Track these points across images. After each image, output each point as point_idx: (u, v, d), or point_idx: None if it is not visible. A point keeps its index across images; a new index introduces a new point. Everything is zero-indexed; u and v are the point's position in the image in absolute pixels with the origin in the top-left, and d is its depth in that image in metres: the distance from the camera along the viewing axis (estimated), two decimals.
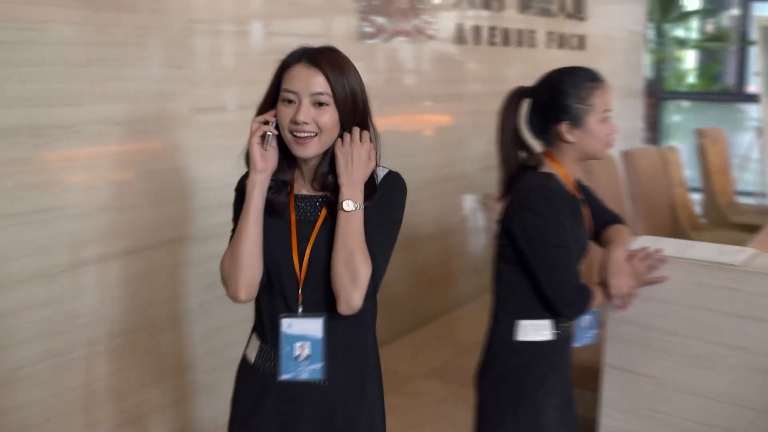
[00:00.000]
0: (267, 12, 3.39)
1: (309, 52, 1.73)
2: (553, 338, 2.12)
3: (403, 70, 4.42)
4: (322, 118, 1.69)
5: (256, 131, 1.72)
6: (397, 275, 4.37)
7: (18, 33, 2.45)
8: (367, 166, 1.75)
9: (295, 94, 1.69)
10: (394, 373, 3.91)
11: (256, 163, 1.71)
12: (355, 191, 1.71)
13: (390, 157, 4.04)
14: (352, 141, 1.74)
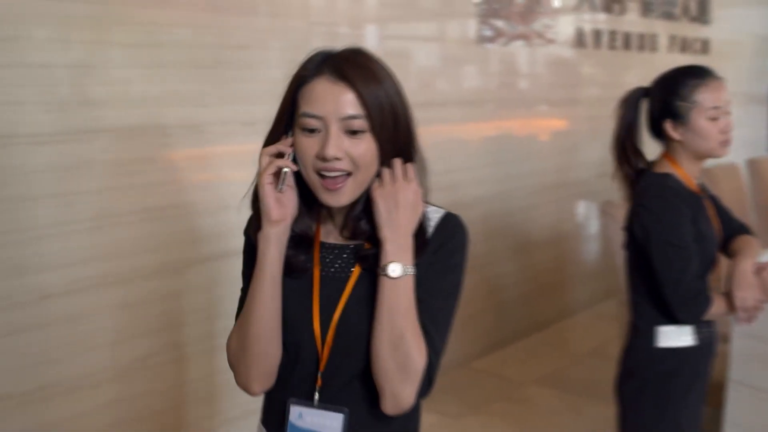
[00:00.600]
0: (382, 15, 3.42)
1: (332, 60, 1.35)
2: (696, 343, 2.06)
3: (518, 73, 4.37)
4: (357, 149, 1.31)
5: (268, 168, 1.33)
6: (510, 280, 4.35)
7: (146, 36, 2.55)
8: (415, 212, 1.36)
9: (320, 120, 1.30)
10: (505, 378, 3.88)
11: (270, 212, 1.33)
12: (402, 249, 1.33)
13: (504, 162, 4.09)
14: (394, 180, 1.35)
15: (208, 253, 2.79)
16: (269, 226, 1.34)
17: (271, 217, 1.34)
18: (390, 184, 1.35)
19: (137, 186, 2.56)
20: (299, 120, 1.32)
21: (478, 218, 4.03)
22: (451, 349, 4.12)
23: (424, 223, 1.39)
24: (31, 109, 2.27)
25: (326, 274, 1.41)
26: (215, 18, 2.73)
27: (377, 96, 1.34)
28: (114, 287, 2.53)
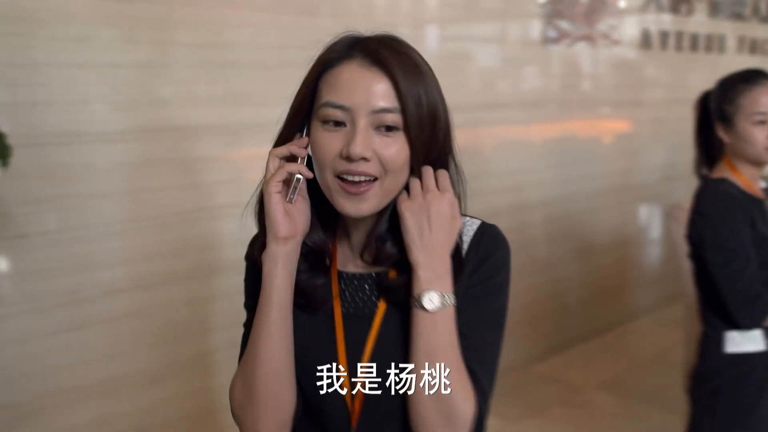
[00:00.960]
0: (443, 15, 3.41)
1: (366, 43, 1.13)
2: (766, 348, 2.03)
3: (581, 75, 4.32)
4: (389, 150, 1.09)
5: (277, 173, 1.12)
6: (571, 283, 4.30)
7: (211, 36, 2.59)
8: (452, 229, 1.14)
9: (347, 112, 1.08)
10: (566, 382, 3.84)
11: (278, 226, 1.12)
12: (438, 275, 1.10)
13: (567, 165, 4.05)
14: (426, 190, 1.13)
15: None
16: (276, 243, 1.12)
17: (278, 232, 1.12)
18: (420, 196, 1.13)
19: (202, 184, 2.60)
20: (320, 111, 1.10)
21: (540, 221, 4.00)
22: (511, 352, 4.11)
23: (459, 240, 1.17)
24: (100, 108, 2.32)
25: (347, 310, 1.17)
26: (277, 19, 2.76)
27: (417, 89, 1.11)
28: (179, 284, 2.58)
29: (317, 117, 1.11)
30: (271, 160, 1.15)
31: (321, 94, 1.12)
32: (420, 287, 1.09)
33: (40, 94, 2.18)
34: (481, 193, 3.61)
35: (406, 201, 1.13)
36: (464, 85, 3.48)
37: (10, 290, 2.17)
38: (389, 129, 1.10)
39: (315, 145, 1.12)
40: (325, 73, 1.13)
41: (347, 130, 1.09)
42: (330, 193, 1.12)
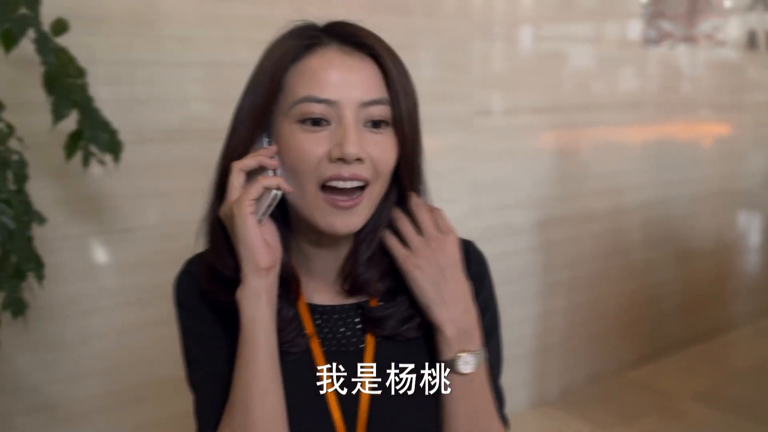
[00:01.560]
0: (538, 15, 3.36)
1: (337, 26, 1.03)
2: None
3: (681, 76, 4.22)
4: (380, 148, 0.96)
5: (251, 191, 0.93)
6: (668, 289, 4.20)
7: None
8: (462, 270, 1.04)
9: (332, 106, 0.94)
10: (661, 391, 3.75)
11: (259, 256, 0.93)
12: (467, 331, 0.99)
13: (665, 168, 3.96)
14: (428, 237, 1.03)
15: None
16: (257, 276, 0.93)
17: (260, 263, 0.93)
18: (424, 247, 1.01)
19: None
20: (295, 109, 0.94)
21: (637, 225, 3.92)
22: (604, 357, 4.06)
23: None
24: (201, 106, 2.38)
25: (329, 348, 1.01)
26: (372, 19, 2.77)
27: (404, 76, 1.00)
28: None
29: (290, 117, 0.95)
30: (236, 175, 0.96)
31: (292, 89, 0.95)
32: (451, 350, 0.98)
33: (143, 92, 2.25)
34: (578, 196, 3.56)
35: (410, 257, 1.00)
36: (559, 85, 3.44)
37: (114, 282, 2.25)
38: (377, 124, 0.96)
39: (291, 151, 0.94)
40: (293, 64, 0.97)
41: (332, 129, 0.94)
42: (310, 209, 0.96)
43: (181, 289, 1.05)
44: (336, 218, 0.95)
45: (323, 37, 0.99)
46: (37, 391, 2.16)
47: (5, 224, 1.29)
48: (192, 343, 1.03)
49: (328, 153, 0.93)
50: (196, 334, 1.03)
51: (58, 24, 1.67)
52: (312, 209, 0.95)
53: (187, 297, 1.04)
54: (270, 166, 0.96)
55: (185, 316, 1.04)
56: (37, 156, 1.84)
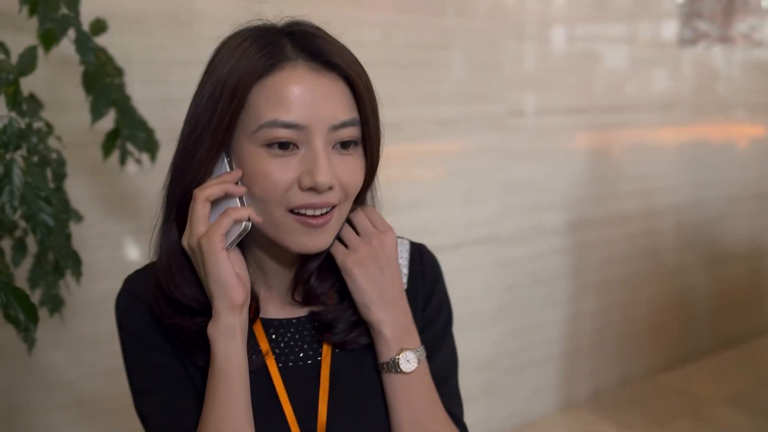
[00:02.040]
0: (571, 15, 3.34)
1: (299, 38, 0.94)
2: None
3: (715, 77, 4.17)
4: (350, 171, 0.93)
5: (221, 224, 0.89)
6: (701, 293, 4.16)
7: (340, 36, 2.61)
8: (397, 266, 1.01)
9: (301, 131, 0.88)
10: (693, 395, 3.72)
11: (234, 292, 0.90)
12: (406, 328, 0.98)
13: (699, 170, 3.93)
14: (366, 234, 1.00)
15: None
16: (232, 313, 0.90)
17: (235, 299, 0.89)
18: (363, 245, 0.98)
19: None
20: (260, 133, 0.88)
21: (670, 227, 3.89)
22: (635, 361, 4.02)
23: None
24: None
25: (285, 364, 0.98)
26: (403, 18, 2.77)
27: (371, 90, 0.97)
28: None
29: (254, 140, 0.89)
30: (201, 205, 0.90)
31: (257, 109, 0.89)
32: (392, 349, 0.96)
33: (177, 91, 2.26)
34: (611, 198, 3.54)
35: (350, 255, 0.98)
36: (592, 86, 3.41)
37: None
38: (345, 145, 0.92)
39: (258, 178, 0.89)
40: (257, 83, 0.89)
41: (301, 153, 0.89)
42: (278, 231, 0.92)
43: (122, 310, 1.00)
44: (306, 236, 0.92)
45: (289, 51, 0.91)
46: (72, 387, 2.18)
47: (45, 222, 1.31)
48: (137, 372, 1.00)
49: (297, 179, 0.89)
50: (141, 363, 0.99)
51: (97, 24, 1.69)
52: (280, 231, 0.92)
53: (128, 320, 0.99)
54: (237, 194, 0.91)
55: (128, 342, 1.00)
56: (74, 154, 1.86)
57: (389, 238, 1.00)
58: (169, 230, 0.97)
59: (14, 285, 1.25)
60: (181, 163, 0.94)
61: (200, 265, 0.91)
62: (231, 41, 0.95)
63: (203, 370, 0.95)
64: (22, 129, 1.30)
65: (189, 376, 0.97)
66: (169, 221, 0.97)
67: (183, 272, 0.95)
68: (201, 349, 0.95)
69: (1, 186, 1.25)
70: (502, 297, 3.19)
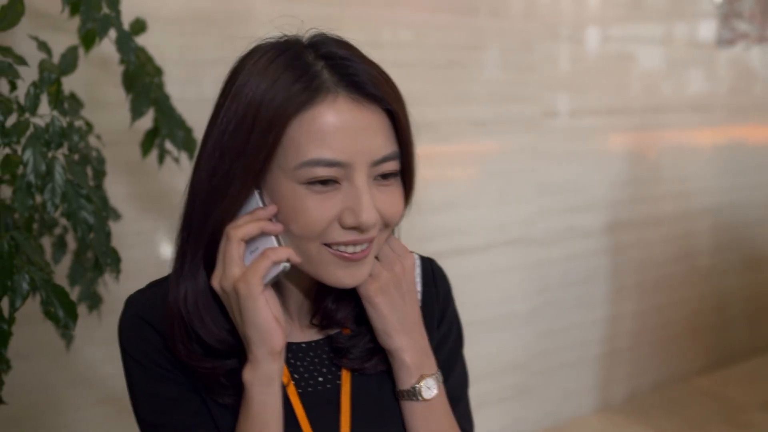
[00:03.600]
0: (605, 15, 3.31)
1: (336, 64, 0.87)
2: None
3: (753, 78, 4.11)
4: (391, 204, 0.90)
5: (259, 267, 0.84)
6: (737, 296, 4.11)
7: (374, 36, 2.62)
8: (416, 290, 0.98)
9: (343, 168, 0.84)
10: (728, 400, 3.67)
11: (275, 338, 0.85)
12: (425, 354, 0.96)
13: (736, 172, 3.88)
14: (387, 261, 0.95)
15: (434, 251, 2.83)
16: (272, 360, 0.85)
17: (276, 345, 0.85)
18: (385, 272, 0.94)
19: None
20: (301, 171, 0.83)
21: (706, 229, 3.84)
22: (670, 364, 3.97)
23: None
24: None
25: (305, 390, 0.95)
26: (436, 18, 2.77)
27: (408, 119, 0.91)
28: None
29: (293, 177, 0.84)
30: (235, 245, 0.85)
31: (297, 146, 0.83)
32: (412, 376, 0.94)
33: (211, 91, 2.27)
34: (646, 199, 3.51)
35: (373, 282, 0.93)
36: (627, 87, 3.39)
37: None
38: (388, 176, 0.89)
39: (296, 214, 0.85)
40: (297, 116, 0.83)
41: (342, 190, 0.85)
42: (314, 265, 0.88)
43: (128, 336, 0.94)
44: (343, 271, 0.88)
45: (328, 81, 0.84)
46: (108, 383, 2.20)
47: (85, 219, 1.32)
48: (146, 404, 0.95)
49: (338, 217, 0.85)
50: (151, 395, 0.94)
51: (137, 24, 1.70)
52: (316, 265, 0.88)
53: (135, 347, 0.93)
54: (274, 232, 0.86)
55: (135, 371, 0.94)
56: (111, 153, 1.88)
57: (409, 262, 0.96)
58: (196, 270, 0.91)
59: (54, 282, 1.26)
60: (207, 199, 0.88)
61: (235, 308, 0.86)
62: (254, 61, 0.89)
63: (228, 408, 0.91)
64: (63, 128, 1.31)
65: (207, 410, 0.92)
66: (194, 259, 0.91)
67: (211, 313, 0.91)
68: (227, 390, 0.91)
69: (44, 184, 1.26)
70: (535, 298, 3.17)
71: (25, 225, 1.47)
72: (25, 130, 1.27)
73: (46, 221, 1.71)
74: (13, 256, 1.20)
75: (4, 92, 1.33)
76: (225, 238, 0.86)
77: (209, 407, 0.92)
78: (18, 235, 1.24)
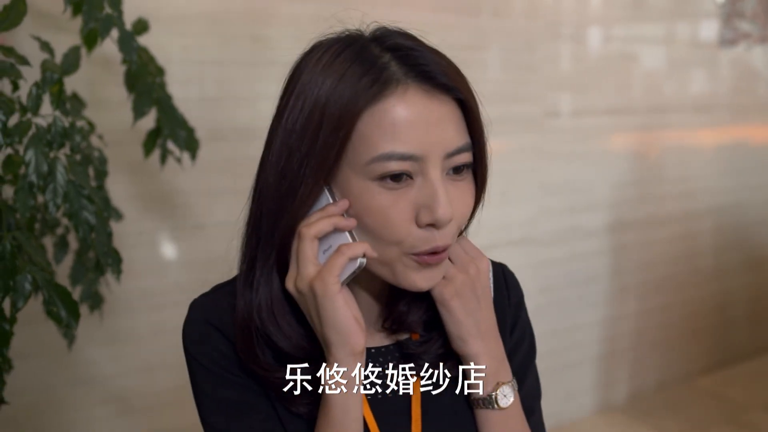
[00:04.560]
0: (608, 15, 3.31)
1: (406, 54, 0.85)
2: None
3: (756, 78, 4.10)
4: (464, 199, 0.87)
5: (335, 264, 0.81)
6: (740, 296, 4.10)
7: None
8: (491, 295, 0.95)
9: (416, 162, 0.81)
10: (730, 400, 3.67)
11: (356, 338, 0.82)
12: (500, 361, 0.93)
13: (739, 172, 3.87)
14: (461, 263, 0.92)
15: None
16: (353, 361, 0.83)
17: (357, 347, 0.82)
18: (460, 274, 0.90)
19: None
20: (373, 166, 0.80)
21: (709, 230, 3.84)
22: (673, 364, 3.96)
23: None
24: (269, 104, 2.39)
25: (374, 396, 0.92)
26: (439, 18, 2.77)
27: (479, 110, 0.88)
28: None
29: (365, 173, 0.81)
30: (309, 243, 0.83)
31: (368, 140, 0.80)
32: (489, 383, 0.90)
33: (214, 90, 2.28)
34: (649, 199, 3.51)
35: (447, 285, 0.89)
36: (630, 87, 3.38)
37: (187, 277, 2.28)
38: (458, 170, 0.85)
39: (372, 214, 0.82)
40: (366, 110, 0.80)
41: (416, 185, 0.82)
42: (390, 268, 0.85)
43: (194, 341, 0.92)
44: (418, 274, 0.85)
45: (397, 72, 0.82)
46: (110, 382, 2.20)
47: (87, 220, 1.32)
48: (214, 410, 0.90)
49: (414, 214, 0.82)
50: (218, 400, 0.90)
51: (139, 24, 1.70)
52: (391, 269, 0.85)
53: (202, 352, 0.91)
54: (347, 228, 0.83)
55: (202, 375, 0.91)
56: (114, 153, 1.88)
57: (484, 264, 0.93)
58: (269, 276, 0.88)
59: (56, 282, 1.26)
60: (277, 201, 0.85)
61: (312, 309, 0.83)
62: (318, 57, 0.86)
63: (303, 417, 0.88)
64: (65, 128, 1.31)
65: (277, 416, 0.89)
66: (266, 265, 0.88)
67: (287, 318, 0.88)
68: (302, 399, 0.88)
69: (45, 184, 1.26)
70: (537, 298, 3.17)
71: (27, 225, 1.47)
72: (27, 131, 1.27)
73: (48, 221, 1.71)
74: (15, 256, 1.20)
75: (6, 92, 1.33)
76: (297, 238, 0.84)
77: (279, 415, 0.89)
78: (20, 235, 1.24)
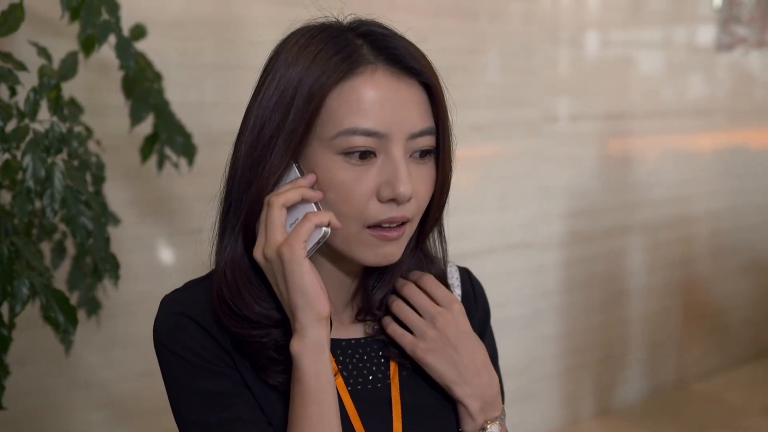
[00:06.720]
0: (605, 19, 3.31)
1: (377, 39, 0.89)
2: None
3: (752, 82, 4.11)
4: (425, 182, 0.91)
5: (301, 230, 0.84)
6: (736, 301, 4.10)
7: None
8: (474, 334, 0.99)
9: (380, 139, 0.85)
10: (727, 405, 3.67)
11: (321, 303, 0.84)
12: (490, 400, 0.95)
13: (736, 176, 3.89)
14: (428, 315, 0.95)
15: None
16: (320, 326, 0.84)
17: (322, 311, 0.84)
18: (430, 329, 0.94)
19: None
20: (338, 141, 0.84)
21: (705, 234, 3.84)
22: (670, 369, 3.97)
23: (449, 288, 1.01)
24: None
25: (354, 387, 0.93)
26: (438, 22, 2.77)
27: (445, 98, 0.93)
28: None
29: (331, 147, 0.85)
30: (277, 211, 0.85)
31: (334, 115, 0.84)
32: (476, 423, 0.93)
33: (212, 95, 2.28)
34: (644, 204, 3.51)
35: (419, 343, 0.93)
36: (627, 92, 3.39)
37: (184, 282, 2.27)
38: (422, 154, 0.89)
39: (334, 185, 0.85)
40: (335, 88, 0.84)
41: (379, 163, 0.85)
42: (350, 244, 0.88)
43: (168, 333, 0.91)
44: (378, 249, 0.88)
45: (368, 54, 0.86)
46: (107, 387, 2.20)
47: (84, 225, 1.32)
48: (192, 402, 0.89)
49: (376, 191, 0.85)
50: (200, 392, 0.88)
51: (137, 29, 1.70)
52: (352, 244, 0.88)
53: (178, 343, 0.90)
54: (314, 198, 0.86)
55: (179, 368, 0.90)
56: (111, 158, 1.88)
57: (455, 311, 0.95)
58: (235, 242, 0.90)
59: (54, 287, 1.26)
60: (247, 171, 0.89)
61: (278, 276, 0.85)
62: (296, 41, 0.89)
63: (277, 389, 0.90)
64: (63, 133, 1.31)
65: (258, 404, 0.89)
66: (233, 232, 0.91)
67: (250, 287, 0.90)
68: (276, 366, 0.89)
69: (43, 189, 1.26)
70: (535, 303, 3.17)
71: (24, 230, 1.47)
72: (24, 136, 1.27)
73: (46, 227, 1.71)
74: (12, 261, 1.20)
75: (3, 98, 1.33)
76: (266, 206, 0.87)
77: (259, 401, 0.89)
78: (18, 241, 1.24)
